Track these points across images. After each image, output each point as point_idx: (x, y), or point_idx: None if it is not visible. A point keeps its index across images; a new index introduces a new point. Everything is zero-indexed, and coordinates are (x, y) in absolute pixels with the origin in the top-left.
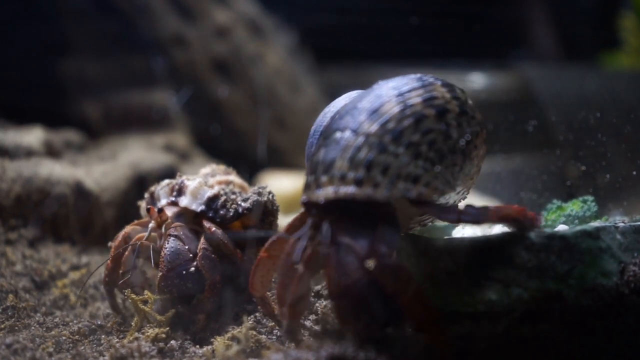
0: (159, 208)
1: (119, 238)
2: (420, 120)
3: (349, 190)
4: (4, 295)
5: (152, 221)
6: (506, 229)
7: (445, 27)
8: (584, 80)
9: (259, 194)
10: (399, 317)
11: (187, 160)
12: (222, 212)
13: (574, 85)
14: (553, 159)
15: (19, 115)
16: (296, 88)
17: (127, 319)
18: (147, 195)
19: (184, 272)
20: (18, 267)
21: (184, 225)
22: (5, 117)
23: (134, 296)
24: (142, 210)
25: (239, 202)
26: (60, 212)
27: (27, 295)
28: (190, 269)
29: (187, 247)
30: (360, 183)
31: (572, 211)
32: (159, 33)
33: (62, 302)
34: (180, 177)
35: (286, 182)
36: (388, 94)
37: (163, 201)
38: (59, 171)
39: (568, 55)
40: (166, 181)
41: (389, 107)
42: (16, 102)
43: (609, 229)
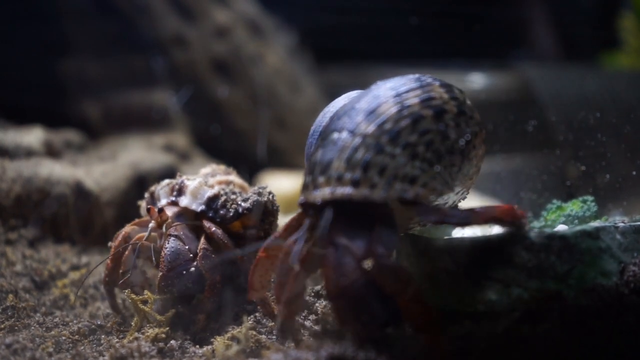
0: (159, 208)
1: (119, 238)
2: (417, 121)
3: (346, 191)
4: (4, 295)
5: (152, 221)
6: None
7: (445, 27)
8: (584, 80)
9: (259, 194)
10: (398, 317)
11: (187, 160)
12: (222, 212)
13: (574, 85)
14: (553, 159)
15: (19, 115)
16: (296, 88)
17: (127, 319)
18: (147, 195)
19: (184, 272)
20: (18, 267)
21: (184, 225)
22: (5, 117)
23: (134, 296)
24: (142, 210)
25: (239, 202)
26: (60, 212)
27: (27, 295)
28: (191, 269)
29: (187, 247)
30: (357, 184)
31: (571, 211)
32: (159, 33)
33: (62, 302)
34: (181, 177)
35: (286, 182)
36: (385, 95)
37: (163, 201)
38: (59, 171)
39: (568, 55)
40: (166, 181)
41: (386, 107)
42: (16, 102)
43: (609, 229)
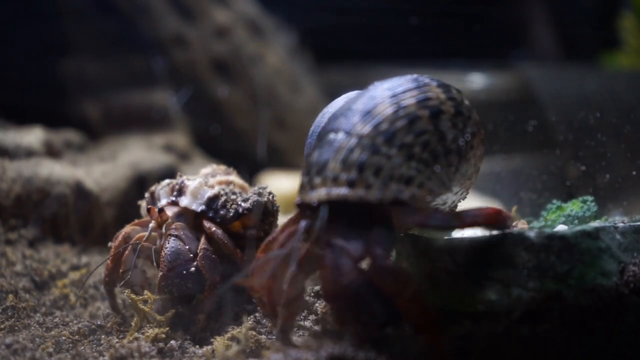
0: (159, 208)
1: (119, 238)
2: (413, 122)
3: (342, 191)
4: (4, 295)
5: (153, 221)
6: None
7: (445, 27)
8: (584, 80)
9: (259, 194)
10: (397, 317)
11: (187, 161)
12: (222, 212)
13: (574, 85)
14: (553, 159)
15: (19, 115)
16: (296, 88)
17: (127, 319)
18: (147, 195)
19: (184, 272)
20: (18, 267)
21: (184, 225)
22: (5, 117)
23: (134, 296)
24: (143, 210)
25: (239, 202)
26: (60, 212)
27: (27, 295)
28: (191, 268)
29: (187, 247)
30: (353, 184)
31: (571, 211)
32: (159, 33)
33: (62, 302)
34: (181, 177)
35: (286, 182)
36: (382, 95)
37: (163, 201)
38: (59, 171)
39: (568, 55)
40: (166, 181)
41: (382, 108)
42: (16, 102)
43: (609, 229)
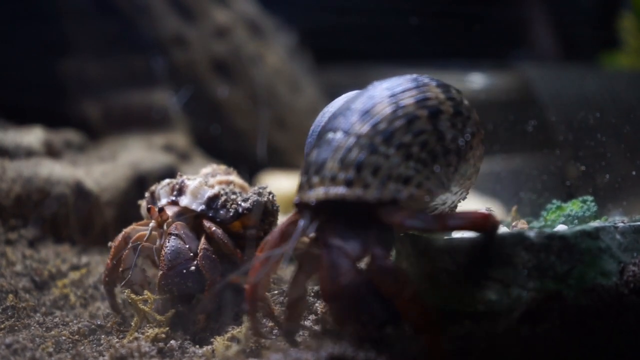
0: (159, 207)
1: (119, 238)
2: (412, 121)
3: (339, 191)
4: (4, 295)
5: (153, 220)
6: (506, 229)
7: (445, 27)
8: (584, 80)
9: (259, 194)
10: (396, 316)
11: (187, 160)
12: (222, 212)
13: (574, 85)
14: (553, 159)
15: (19, 115)
16: (296, 88)
17: (127, 319)
18: (147, 194)
19: (184, 271)
20: (18, 267)
21: (184, 224)
22: (5, 117)
23: (133, 296)
24: (143, 209)
25: (239, 202)
26: (60, 212)
27: (27, 295)
28: (191, 268)
29: (187, 246)
30: (351, 184)
31: (571, 211)
32: (159, 33)
33: (62, 302)
34: (181, 177)
35: (286, 182)
36: (381, 95)
37: (163, 201)
38: (59, 171)
39: (568, 55)
40: (167, 181)
41: (381, 108)
42: (16, 102)
43: (609, 229)
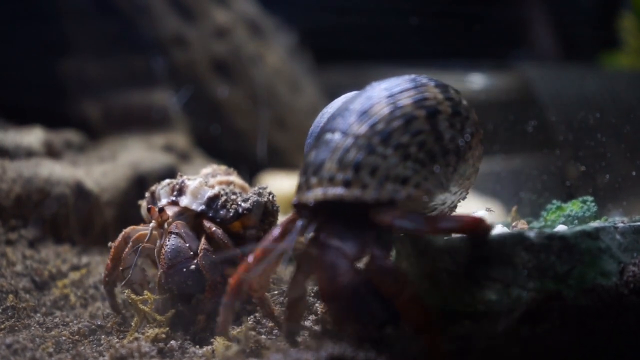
0: (159, 207)
1: (119, 239)
2: (409, 122)
3: (337, 191)
4: (4, 295)
5: (153, 220)
6: (506, 229)
7: (445, 27)
8: (584, 80)
9: (259, 195)
10: (395, 316)
11: (187, 161)
12: (222, 212)
13: (574, 85)
14: (553, 159)
15: (19, 115)
16: (296, 88)
17: (127, 319)
18: (147, 194)
19: (184, 269)
20: (18, 268)
21: (184, 223)
22: (5, 117)
23: (134, 296)
24: (143, 209)
25: (239, 203)
26: (60, 213)
27: (27, 295)
28: (191, 266)
29: (187, 245)
30: (349, 184)
31: (571, 211)
32: (159, 33)
33: (62, 303)
34: (181, 177)
35: (286, 182)
36: (379, 95)
37: (164, 201)
38: (59, 171)
39: (568, 55)
40: (167, 181)
41: (379, 108)
42: (16, 102)
43: (609, 230)
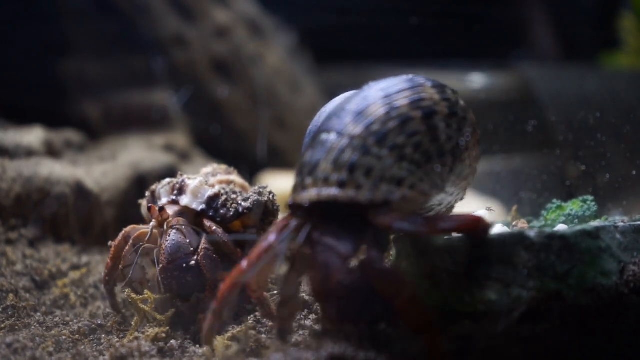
0: (160, 207)
1: (119, 238)
2: (405, 122)
3: (332, 192)
4: (4, 294)
5: (153, 220)
6: (506, 229)
7: (445, 27)
8: (584, 80)
9: (260, 194)
10: (389, 314)
11: (187, 160)
12: (222, 211)
13: (574, 85)
14: (553, 159)
15: (19, 115)
16: (296, 88)
17: (127, 318)
18: (148, 194)
19: (184, 265)
20: (18, 267)
21: (185, 220)
22: (5, 117)
23: (134, 296)
24: (143, 208)
25: (239, 202)
26: (60, 212)
27: (28, 294)
28: (191, 262)
29: (188, 241)
30: (343, 185)
31: (571, 211)
32: (159, 33)
33: (62, 302)
34: (181, 176)
35: (286, 182)
36: (375, 96)
37: (164, 200)
38: (59, 171)
39: (568, 55)
40: (167, 180)
41: (375, 109)
42: (16, 102)
43: (609, 229)
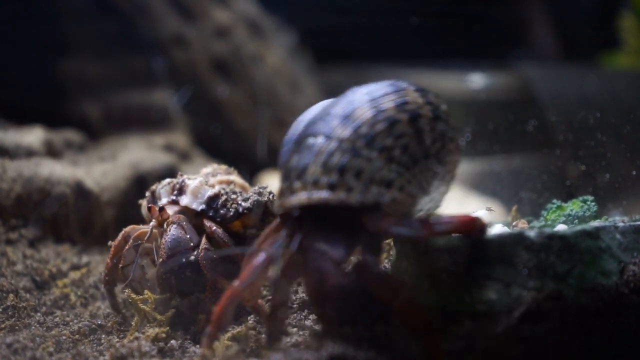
0: (160, 207)
1: (119, 238)
2: (393, 125)
3: (322, 195)
4: (4, 294)
5: (153, 219)
6: (506, 229)
7: (445, 27)
8: (584, 80)
9: (260, 194)
10: (384, 316)
11: (187, 160)
12: (222, 211)
13: (574, 85)
14: (553, 159)
15: (19, 115)
16: (296, 88)
17: (128, 318)
18: (148, 194)
19: (184, 259)
20: (18, 267)
21: (185, 218)
22: (5, 117)
23: (134, 296)
24: (143, 209)
25: (239, 202)
26: (60, 212)
27: (28, 294)
28: (190, 257)
29: (188, 237)
30: (334, 187)
31: (571, 211)
32: (159, 33)
33: (63, 302)
34: (181, 176)
35: None
36: (360, 100)
37: (164, 200)
38: (59, 171)
39: (568, 55)
40: (167, 180)
41: (362, 112)
42: (16, 102)
43: (609, 229)
